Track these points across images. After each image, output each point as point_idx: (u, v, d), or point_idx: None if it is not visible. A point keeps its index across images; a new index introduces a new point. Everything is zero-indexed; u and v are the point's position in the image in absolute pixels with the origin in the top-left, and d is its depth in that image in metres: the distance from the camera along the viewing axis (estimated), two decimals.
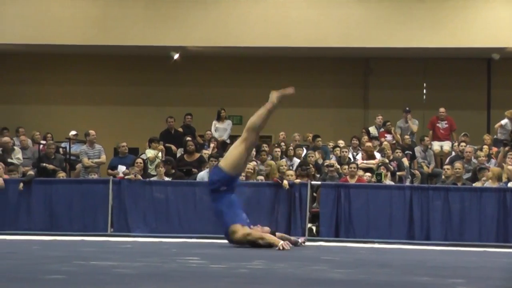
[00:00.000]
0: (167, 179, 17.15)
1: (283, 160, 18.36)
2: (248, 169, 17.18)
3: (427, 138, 20.20)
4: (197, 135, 21.12)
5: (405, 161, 18.79)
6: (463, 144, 19.03)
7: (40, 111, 23.89)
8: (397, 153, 18.73)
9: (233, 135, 21.24)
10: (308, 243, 13.56)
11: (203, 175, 17.17)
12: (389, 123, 20.79)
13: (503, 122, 20.29)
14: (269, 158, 18.45)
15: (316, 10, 22.15)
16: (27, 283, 5.36)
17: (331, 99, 23.92)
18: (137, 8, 22.45)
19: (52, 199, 16.69)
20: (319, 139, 19.75)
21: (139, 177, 16.60)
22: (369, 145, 18.79)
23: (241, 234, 10.97)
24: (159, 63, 23.44)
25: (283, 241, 10.70)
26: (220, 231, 15.87)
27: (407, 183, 17.96)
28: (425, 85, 23.92)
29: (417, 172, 19.10)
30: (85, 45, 22.40)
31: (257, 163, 17.99)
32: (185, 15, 22.09)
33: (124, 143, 19.15)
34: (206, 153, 19.07)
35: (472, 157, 18.27)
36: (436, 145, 20.60)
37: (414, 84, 23.71)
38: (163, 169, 17.23)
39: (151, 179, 17.11)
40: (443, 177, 17.51)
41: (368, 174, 17.32)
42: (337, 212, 16.21)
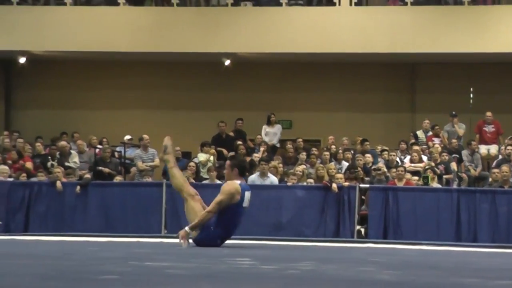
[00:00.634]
0: (218, 182, 17.16)
1: (332, 163, 18.29)
2: (297, 171, 17.17)
3: (474, 142, 20.00)
4: (247, 139, 21.13)
5: (454, 165, 18.61)
6: (510, 147, 18.79)
7: (96, 116, 24.07)
8: (444, 156, 18.56)
9: (282, 139, 21.23)
10: (356, 245, 13.51)
11: (254, 178, 17.16)
12: (437, 127, 20.62)
13: None
14: (318, 161, 18.40)
15: (363, 17, 22.07)
16: (84, 283, 5.38)
17: (379, 103, 23.78)
18: (189, 16, 22.54)
19: (107, 202, 16.82)
20: (367, 143, 19.65)
21: (192, 180, 16.63)
22: (416, 149, 18.65)
23: (229, 192, 10.52)
24: (211, 69, 23.49)
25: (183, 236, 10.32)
26: (269, 233, 15.95)
27: (455, 186, 17.80)
28: (471, 89, 23.69)
29: (464, 175, 18.92)
30: (139, 52, 22.54)
31: (307, 166, 17.95)
32: (235, 22, 22.13)
33: (177, 147, 19.24)
34: (256, 156, 19.07)
35: None
36: (483, 149, 20.39)
37: (460, 88, 23.50)
38: (214, 173, 17.25)
39: (203, 182, 17.14)
40: (490, 180, 17.33)
41: (415, 177, 17.20)
42: (385, 214, 16.13)
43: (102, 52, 22.53)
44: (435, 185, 16.86)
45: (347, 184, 16.48)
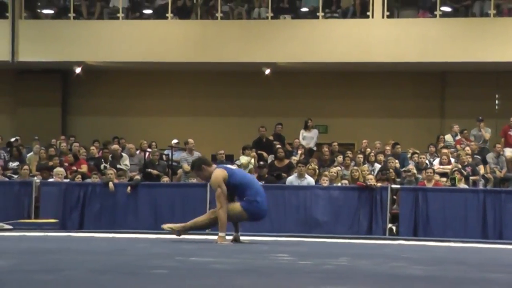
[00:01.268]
0: (260, 183, 17.15)
1: (365, 165, 18.23)
2: (332, 172, 17.15)
3: (499, 145, 19.82)
4: (286, 143, 21.12)
5: (481, 167, 18.47)
6: None
7: (146, 122, 24.20)
8: (469, 157, 18.36)
9: (319, 143, 21.20)
10: (388, 242, 13.44)
11: (292, 179, 17.16)
12: (465, 131, 20.48)
13: None
14: (353, 164, 18.35)
15: (395, 28, 22.00)
16: (134, 276, 5.41)
17: (410, 110, 23.67)
18: (232, 28, 22.61)
19: (156, 201, 16.88)
20: (399, 146, 19.55)
21: None
22: (445, 151, 18.53)
23: (217, 180, 10.13)
24: (252, 78, 23.52)
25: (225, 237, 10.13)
26: (306, 231, 15.92)
27: (481, 187, 17.67)
28: (497, 96, 23.52)
29: (490, 175, 18.75)
30: (186, 62, 22.65)
31: (341, 168, 17.91)
32: (275, 34, 22.15)
33: (221, 150, 19.30)
34: (294, 159, 19.06)
35: None
36: (508, 152, 20.17)
37: (487, 95, 23.33)
38: (255, 174, 17.25)
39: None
40: None
41: (443, 179, 17.10)
42: (416, 213, 16.05)
43: (151, 62, 22.67)
44: (462, 186, 16.75)
45: (379, 184, 16.42)
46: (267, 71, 23.05)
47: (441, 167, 18.07)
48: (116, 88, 24.63)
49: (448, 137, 20.88)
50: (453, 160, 18.42)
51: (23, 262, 6.59)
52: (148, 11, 23.98)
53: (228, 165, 10.78)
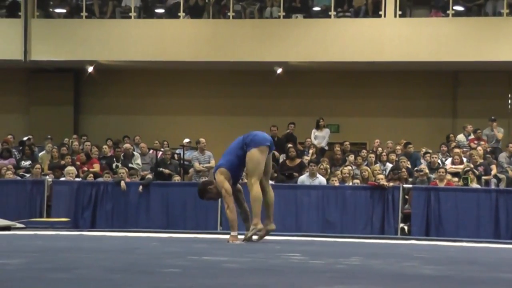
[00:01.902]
0: (271, 182, 17.14)
1: (377, 165, 18.22)
2: (344, 172, 17.14)
3: (511, 144, 19.76)
4: (297, 142, 21.10)
5: (494, 168, 18.41)
6: None
7: (157, 121, 24.24)
8: (479, 157, 18.30)
9: (330, 142, 21.18)
10: (400, 242, 13.42)
11: (303, 178, 17.16)
12: (479, 131, 20.43)
13: None
14: (365, 163, 18.33)
15: (407, 28, 21.97)
16: (147, 275, 5.43)
17: (422, 109, 23.64)
18: (244, 27, 22.62)
19: (168, 200, 16.90)
20: (411, 146, 19.52)
21: (245, 181, 16.62)
22: (457, 151, 18.49)
23: (220, 181, 10.24)
24: (264, 77, 23.53)
25: (236, 235, 10.09)
26: (318, 230, 15.91)
27: (493, 187, 17.63)
28: (509, 95, 23.45)
29: (503, 175, 18.69)
30: (198, 61, 22.67)
31: (352, 167, 17.90)
32: (287, 33, 22.15)
33: None
34: (306, 159, 19.05)
35: None
36: None
37: (499, 94, 23.27)
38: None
39: None
40: None
41: (455, 178, 17.07)
42: (428, 212, 16.02)
43: (163, 61, 22.72)
44: (474, 185, 16.71)
45: (391, 184, 16.41)
46: (279, 71, 23.05)
47: (453, 166, 18.04)
48: (128, 87, 24.68)
49: (461, 136, 20.83)
50: (465, 159, 18.37)
51: (35, 260, 6.62)
52: (160, 10, 24.03)
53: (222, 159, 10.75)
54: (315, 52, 21.95)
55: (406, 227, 16.34)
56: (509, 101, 23.45)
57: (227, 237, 10.36)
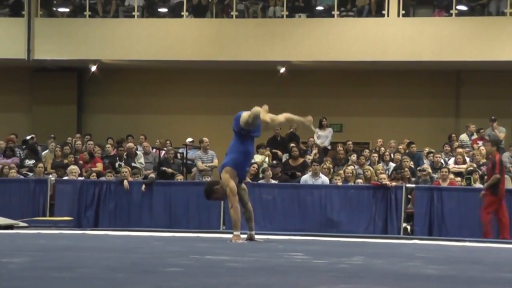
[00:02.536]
0: (273, 181, 17.18)
1: (379, 164, 18.20)
2: (347, 173, 17.13)
3: None
4: (300, 141, 21.10)
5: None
6: None
7: (160, 120, 24.26)
8: (481, 157, 18.28)
9: (333, 142, 21.16)
10: (403, 241, 13.41)
11: (306, 178, 17.16)
12: (482, 131, 20.41)
13: None
14: (367, 163, 18.32)
15: (411, 27, 21.96)
16: (150, 274, 5.44)
17: (425, 108, 23.63)
18: (248, 27, 22.62)
19: (171, 200, 16.91)
20: (414, 146, 19.50)
21: (248, 180, 16.65)
22: (460, 151, 18.48)
23: (225, 180, 10.21)
24: (267, 76, 23.52)
25: (239, 232, 10.11)
26: (321, 230, 15.90)
27: None
28: None
29: (506, 176, 18.65)
30: (201, 61, 22.69)
31: (355, 167, 17.89)
32: (290, 32, 22.14)
33: None
34: (309, 158, 19.05)
35: None
36: None
37: (502, 94, 23.23)
38: (270, 173, 17.26)
39: (259, 182, 17.17)
40: None
41: (458, 178, 17.06)
42: (431, 212, 16.01)
43: (166, 60, 22.73)
44: (477, 185, 16.70)
45: (394, 184, 16.40)
46: (282, 70, 23.05)
47: (456, 166, 18.03)
48: (131, 86, 24.70)
49: (464, 136, 20.82)
50: (468, 159, 18.36)
51: (38, 259, 6.63)
52: (163, 10, 24.04)
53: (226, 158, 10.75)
54: (318, 51, 21.95)
55: (409, 227, 16.33)
56: None
57: (230, 236, 10.36)
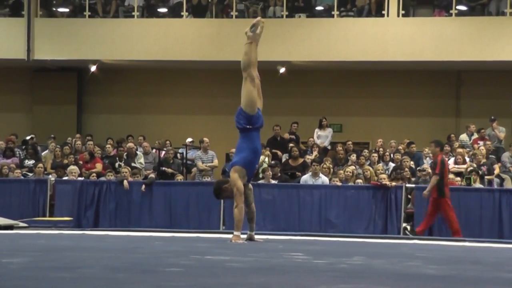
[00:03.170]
0: (273, 181, 17.17)
1: (379, 164, 18.21)
2: (347, 172, 17.13)
3: None
4: (300, 141, 21.10)
5: (497, 167, 18.40)
6: None
7: (160, 120, 24.26)
8: (482, 157, 18.28)
9: (333, 142, 21.17)
10: (403, 241, 13.41)
11: (306, 178, 17.16)
12: (482, 130, 20.41)
13: None
14: (367, 163, 18.32)
15: (411, 27, 21.96)
16: (150, 274, 5.44)
17: (425, 108, 23.63)
18: (247, 27, 22.53)
19: (171, 200, 16.91)
20: (414, 146, 19.51)
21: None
22: (460, 151, 18.48)
23: (233, 179, 10.17)
24: (267, 76, 23.42)
25: (238, 232, 10.08)
26: (321, 230, 15.91)
27: (495, 186, 17.62)
28: None
29: (506, 175, 18.68)
30: (201, 61, 22.68)
31: (355, 167, 17.90)
32: (290, 32, 22.14)
33: (233, 150, 19.24)
34: (309, 158, 19.05)
35: None
36: None
37: (503, 94, 23.20)
38: (270, 173, 17.26)
39: (259, 181, 17.16)
40: None
41: (458, 178, 17.06)
42: None
43: (166, 60, 22.73)
44: (477, 185, 16.70)
45: (393, 184, 16.41)
46: (282, 70, 23.04)
47: (456, 166, 18.03)
48: (131, 86, 24.70)
49: (464, 136, 20.82)
50: (468, 159, 18.36)
51: (38, 259, 6.63)
52: (163, 10, 24.05)
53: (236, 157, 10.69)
54: (318, 51, 21.95)
55: (408, 227, 16.33)
56: None
57: (230, 236, 10.35)
